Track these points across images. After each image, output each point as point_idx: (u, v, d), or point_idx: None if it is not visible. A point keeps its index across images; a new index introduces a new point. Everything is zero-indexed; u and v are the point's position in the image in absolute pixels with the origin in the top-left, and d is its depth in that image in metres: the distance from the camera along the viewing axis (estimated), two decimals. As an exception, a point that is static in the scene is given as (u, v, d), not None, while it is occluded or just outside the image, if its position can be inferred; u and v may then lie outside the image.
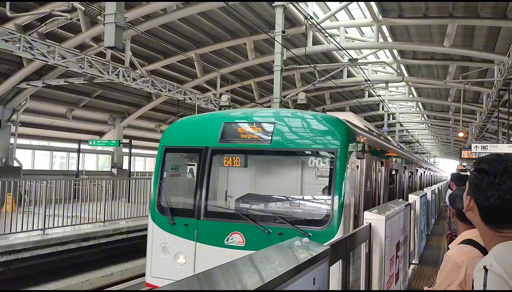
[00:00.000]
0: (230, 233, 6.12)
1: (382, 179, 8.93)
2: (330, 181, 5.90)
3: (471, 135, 31.44)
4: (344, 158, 5.93)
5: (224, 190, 7.50)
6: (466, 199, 1.76)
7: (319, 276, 2.33)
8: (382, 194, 8.95)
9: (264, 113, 7.18)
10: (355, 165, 6.37)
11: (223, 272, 1.99)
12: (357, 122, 9.15)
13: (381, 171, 8.93)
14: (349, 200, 5.99)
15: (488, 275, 1.43)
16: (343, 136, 6.10)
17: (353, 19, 20.37)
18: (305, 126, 6.44)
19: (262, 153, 6.61)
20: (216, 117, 7.11)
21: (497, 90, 18.72)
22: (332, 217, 5.75)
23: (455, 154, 57.33)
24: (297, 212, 6.38)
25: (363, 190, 6.92)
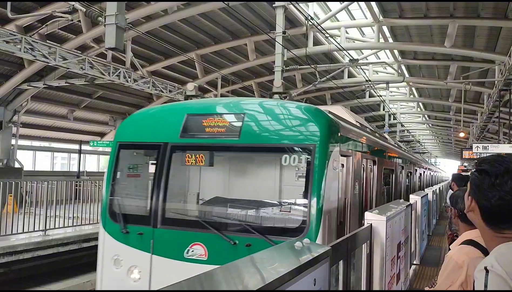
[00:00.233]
0: (191, 244, 5.26)
1: (374, 180, 8.19)
2: (306, 182, 5.02)
3: (472, 135, 31.41)
4: (323, 154, 5.06)
5: (187, 193, 6.58)
6: (467, 199, 1.76)
7: (320, 277, 2.33)
8: (374, 196, 8.21)
9: (233, 103, 6.14)
10: (339, 163, 5.55)
11: (224, 273, 1.99)
12: (347, 116, 8.33)
13: (374, 171, 8.19)
14: (330, 205, 5.21)
15: (489, 276, 1.43)
16: (323, 129, 5.22)
17: (354, 19, 20.37)
18: (279, 117, 5.53)
19: (230, 149, 5.73)
20: (178, 109, 6.26)
21: (498, 91, 18.71)
22: (309, 225, 4.89)
23: (456, 154, 57.29)
24: (269, 219, 5.52)
25: (350, 193, 6.15)
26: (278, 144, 5.36)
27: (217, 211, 5.96)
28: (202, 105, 6.26)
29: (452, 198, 3.04)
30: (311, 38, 19.52)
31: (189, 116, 5.83)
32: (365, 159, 7.35)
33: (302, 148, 5.20)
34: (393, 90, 32.37)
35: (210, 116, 5.68)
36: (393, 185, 11.05)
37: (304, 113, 5.46)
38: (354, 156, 6.43)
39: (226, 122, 5.59)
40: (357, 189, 6.61)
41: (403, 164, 13.22)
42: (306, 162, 5.09)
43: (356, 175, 6.47)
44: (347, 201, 6.05)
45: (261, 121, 5.53)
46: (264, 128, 5.51)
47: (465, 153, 22.63)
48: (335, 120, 5.81)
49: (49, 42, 15.29)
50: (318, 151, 5.07)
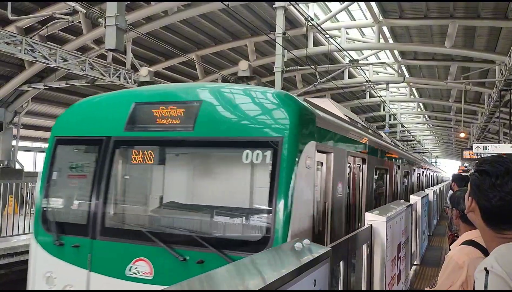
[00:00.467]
0: (134, 260, 4.43)
1: (364, 181, 7.36)
2: (271, 184, 4.14)
3: (473, 135, 31.41)
4: (293, 150, 4.22)
5: (132, 197, 5.64)
6: (467, 200, 1.77)
7: (320, 277, 2.34)
8: (364, 200, 7.39)
9: (189, 89, 5.23)
10: (315, 160, 4.66)
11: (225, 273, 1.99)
12: (334, 109, 7.46)
13: (363, 170, 7.33)
14: (303, 210, 4.34)
15: (489, 277, 1.43)
16: (294, 119, 4.34)
17: (354, 20, 20.38)
18: (242, 105, 4.63)
19: (182, 144, 4.80)
20: (124, 96, 5.35)
21: (498, 91, 18.72)
22: (273, 236, 4.02)
23: (456, 154, 57.28)
24: (226, 230, 4.68)
25: (332, 196, 5.32)
26: (238, 138, 4.43)
27: (165, 220, 5.04)
28: (154, 92, 5.29)
29: (453, 199, 3.04)
30: (311, 38, 19.53)
31: (137, 105, 4.93)
32: (352, 156, 6.57)
33: (267, 142, 4.28)
34: (393, 91, 32.39)
35: (162, 105, 4.77)
36: (387, 186, 10.20)
37: (271, 100, 4.59)
38: (337, 153, 5.56)
39: (180, 112, 4.67)
40: (341, 191, 5.74)
41: (399, 164, 12.40)
42: (272, 158, 4.17)
43: (339, 175, 5.64)
44: (328, 205, 5.24)
45: (220, 110, 4.62)
46: (224, 118, 4.59)
47: (465, 153, 22.63)
48: (311, 109, 4.87)
49: (49, 43, 15.31)
50: (287, 145, 4.20)
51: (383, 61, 23.59)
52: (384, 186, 10.00)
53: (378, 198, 9.18)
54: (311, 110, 4.87)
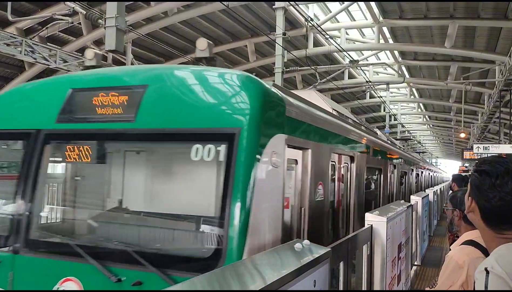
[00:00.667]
0: (62, 280, 3.72)
1: (352, 182, 6.59)
2: (225, 187, 3.37)
3: (473, 136, 31.42)
4: (253, 144, 3.49)
5: (67, 203, 4.92)
6: (467, 200, 1.77)
7: (320, 278, 2.33)
8: (353, 202, 6.59)
9: (135, 71, 4.52)
10: (283, 157, 3.92)
11: (225, 273, 1.99)
12: (319, 102, 6.79)
13: (351, 170, 6.59)
14: (266, 218, 3.60)
15: (490, 277, 1.43)
16: (255, 107, 3.58)
17: (354, 20, 20.39)
18: (192, 90, 3.88)
19: (121, 138, 4.00)
20: (61, 82, 4.56)
21: (499, 91, 18.73)
22: (225, 252, 3.25)
23: (457, 154, 57.28)
24: (169, 244, 3.91)
25: (309, 200, 4.58)
26: (187, 129, 3.66)
27: (98, 231, 4.31)
28: (94, 76, 4.51)
29: (455, 199, 3.03)
30: (311, 39, 19.53)
31: (74, 92, 4.17)
32: (336, 154, 5.85)
33: (220, 134, 3.55)
34: (393, 91, 32.40)
35: (103, 91, 4.01)
36: (381, 188, 9.47)
37: (229, 83, 3.82)
38: (317, 149, 4.85)
39: (122, 99, 3.92)
40: (322, 193, 4.98)
41: (396, 163, 11.58)
42: (226, 155, 3.42)
43: (319, 174, 4.90)
44: (304, 211, 4.53)
45: (168, 96, 3.88)
46: (171, 106, 3.82)
47: (466, 154, 22.64)
48: (279, 95, 4.08)
49: (49, 44, 15.33)
50: (245, 138, 3.44)
51: (383, 62, 23.60)
52: (378, 188, 9.35)
53: (370, 201, 8.46)
54: (279, 96, 4.06)
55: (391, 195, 10.81)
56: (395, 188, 11.49)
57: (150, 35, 16.98)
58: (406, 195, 13.16)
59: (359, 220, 6.51)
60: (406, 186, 14.47)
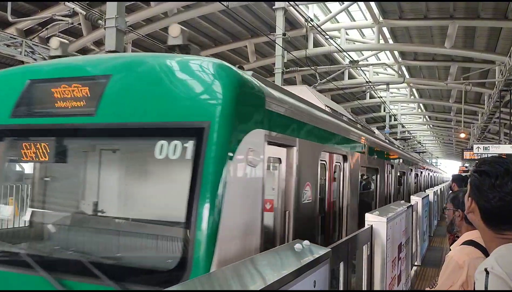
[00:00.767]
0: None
1: (345, 183, 6.15)
2: (192, 189, 2.97)
3: (473, 136, 31.43)
4: (225, 140, 3.09)
5: (20, 206, 4.55)
6: (467, 201, 1.77)
7: (320, 278, 2.33)
8: (346, 204, 6.13)
9: (98, 60, 4.14)
10: (263, 155, 3.51)
11: (225, 274, 1.99)
12: (311, 97, 6.42)
13: (344, 170, 6.17)
14: (240, 225, 3.22)
15: (490, 277, 1.43)
16: (228, 97, 3.19)
17: (354, 21, 20.40)
18: (160, 80, 3.43)
19: (81, 134, 3.57)
20: (20, 72, 4.14)
21: (499, 91, 18.74)
22: (192, 263, 2.83)
23: (457, 155, 57.28)
24: (130, 253, 3.50)
25: (295, 203, 4.20)
26: (152, 124, 3.27)
27: (54, 239, 3.87)
28: (55, 66, 4.09)
29: (457, 200, 3.02)
30: (311, 39, 19.54)
31: (33, 84, 3.77)
32: (328, 152, 5.52)
33: (188, 129, 3.16)
34: (393, 91, 32.40)
35: (65, 82, 3.59)
36: (378, 188, 9.05)
37: (200, 71, 3.39)
38: (305, 147, 4.50)
39: (85, 91, 3.51)
40: (310, 195, 4.62)
41: (393, 163, 11.11)
42: (194, 152, 3.03)
43: (307, 174, 4.54)
44: (289, 215, 4.16)
45: (132, 87, 3.47)
46: (136, 98, 3.41)
47: (466, 154, 22.65)
48: (258, 86, 3.67)
49: (49, 45, 15.32)
50: (216, 133, 3.05)
51: (383, 62, 23.60)
52: (374, 189, 9.01)
53: (366, 202, 8.07)
54: (257, 87, 3.64)
55: (389, 196, 10.42)
56: (393, 189, 11.09)
57: (150, 36, 16.98)
58: (404, 196, 12.81)
59: (354, 223, 6.24)
60: (405, 186, 14.10)
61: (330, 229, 5.99)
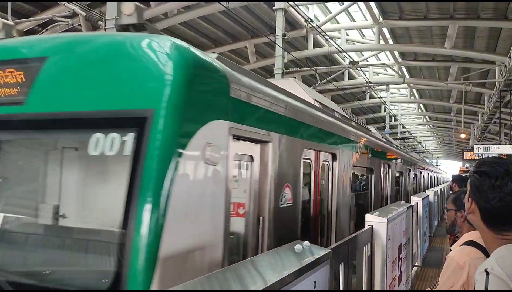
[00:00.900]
0: None
1: (335, 184, 5.64)
2: (130, 190, 2.47)
3: (473, 136, 31.42)
4: (174, 132, 2.61)
5: None
6: (467, 201, 1.77)
7: (320, 279, 2.33)
8: (334, 209, 5.59)
9: (35, 41, 3.53)
10: (226, 151, 3.02)
11: (226, 275, 1.99)
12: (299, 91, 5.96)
13: (333, 169, 5.64)
14: (193, 235, 2.70)
15: (490, 278, 1.43)
16: (179, 80, 2.68)
17: (354, 21, 20.40)
18: (101, 62, 2.91)
19: (8, 125, 3.03)
20: None
21: (499, 91, 18.74)
22: (127, 281, 2.36)
23: (457, 155, 57.26)
24: (54, 269, 2.92)
25: (271, 207, 3.72)
26: (88, 113, 2.75)
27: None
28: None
29: (459, 201, 3.01)
30: (311, 40, 19.53)
31: None
32: (312, 150, 5.02)
33: (128, 119, 2.63)
34: (393, 92, 32.39)
35: None
36: (372, 190, 8.45)
37: (146, 51, 2.83)
38: (283, 143, 4.01)
39: (19, 76, 2.99)
40: (290, 198, 4.14)
41: (390, 163, 10.52)
42: (134, 147, 2.51)
43: (286, 174, 4.06)
44: (264, 222, 3.66)
45: (69, 70, 2.94)
46: (74, 83, 2.89)
47: (466, 154, 22.63)
48: (222, 70, 3.15)
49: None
50: (161, 123, 2.53)
51: (383, 62, 23.59)
52: (368, 190, 8.51)
53: (359, 205, 7.60)
54: (219, 70, 3.10)
55: (385, 198, 9.86)
56: (390, 190, 10.52)
57: (150, 37, 16.98)
58: (402, 198, 12.29)
59: (345, 228, 5.81)
60: (403, 188, 13.53)
61: (316, 236, 5.39)
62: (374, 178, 8.55)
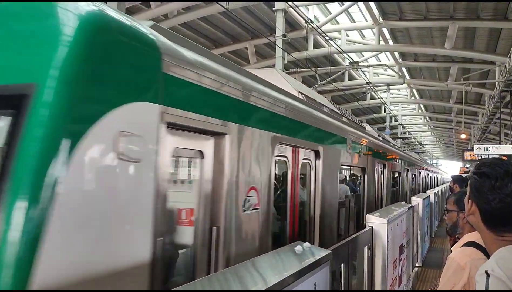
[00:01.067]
0: None
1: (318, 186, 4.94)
2: None
3: (474, 137, 31.42)
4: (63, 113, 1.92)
5: None
6: (467, 203, 1.77)
7: (321, 280, 2.33)
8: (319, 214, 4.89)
9: None
10: (154, 144, 2.40)
11: (226, 276, 1.99)
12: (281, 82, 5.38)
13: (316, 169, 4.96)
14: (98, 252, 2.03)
15: (490, 280, 1.43)
16: (77, 47, 2.00)
17: (354, 22, 20.41)
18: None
19: None
20: None
21: (499, 92, 18.74)
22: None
23: (458, 155, 57.26)
24: None
25: (229, 214, 3.12)
26: None
27: None
28: None
29: (461, 202, 3.01)
30: (311, 41, 19.54)
31: None
32: (288, 146, 4.35)
33: (4, 99, 1.99)
34: (394, 92, 32.39)
35: None
36: (365, 192, 7.72)
37: (41, 9, 2.16)
38: (246, 136, 3.37)
39: None
40: (257, 203, 3.51)
41: (385, 162, 9.80)
42: (9, 133, 1.89)
43: (251, 175, 3.44)
44: (218, 233, 3.00)
45: None
46: None
47: (466, 154, 22.64)
48: (150, 38, 2.51)
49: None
50: (47, 102, 1.91)
51: (383, 63, 23.60)
52: (360, 192, 7.90)
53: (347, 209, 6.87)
54: (145, 37, 2.47)
55: (380, 201, 9.12)
56: (386, 191, 9.76)
57: (151, 38, 16.99)
58: (399, 199, 11.49)
59: (330, 236, 5.07)
60: (400, 189, 12.64)
61: None
62: (367, 178, 7.79)
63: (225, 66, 3.39)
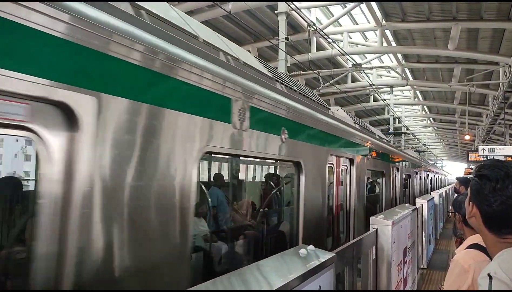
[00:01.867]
0: None
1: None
2: None
3: (478, 138, 31.28)
4: None
5: None
6: (468, 205, 1.77)
7: (325, 283, 2.34)
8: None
9: None
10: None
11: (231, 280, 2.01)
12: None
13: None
14: None
15: (493, 283, 1.43)
16: None
17: (357, 24, 20.42)
18: None
19: None
20: None
21: (503, 92, 18.67)
22: None
23: (462, 156, 57.04)
24: None
25: None
26: None
27: None
28: None
29: (455, 203, 3.03)
30: (314, 43, 19.56)
31: None
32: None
33: None
34: (397, 94, 32.36)
35: None
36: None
37: None
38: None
39: None
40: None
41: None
42: None
43: None
44: None
45: None
46: None
47: (471, 155, 22.56)
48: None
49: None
50: None
51: (386, 65, 23.60)
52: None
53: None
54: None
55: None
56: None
57: (154, 42, 17.04)
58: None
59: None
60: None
61: None
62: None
63: None
